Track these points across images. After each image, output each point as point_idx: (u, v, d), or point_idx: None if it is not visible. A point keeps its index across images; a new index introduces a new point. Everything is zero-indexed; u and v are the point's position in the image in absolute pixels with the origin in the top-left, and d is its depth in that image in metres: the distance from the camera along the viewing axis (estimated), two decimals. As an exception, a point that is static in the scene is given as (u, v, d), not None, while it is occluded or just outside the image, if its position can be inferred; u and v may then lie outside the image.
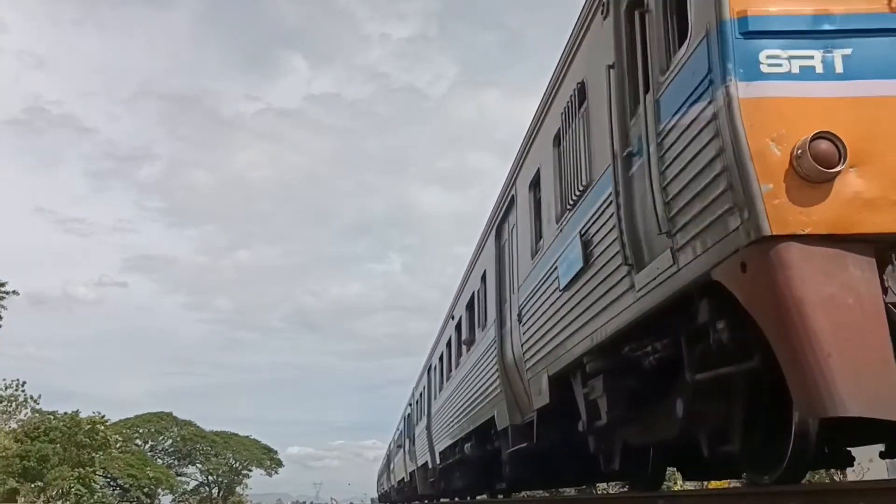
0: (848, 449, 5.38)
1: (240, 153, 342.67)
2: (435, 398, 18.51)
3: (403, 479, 30.49)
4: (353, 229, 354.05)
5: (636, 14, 4.99)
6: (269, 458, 78.28)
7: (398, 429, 33.36)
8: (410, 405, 26.38)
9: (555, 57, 7.30)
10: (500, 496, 15.46)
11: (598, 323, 5.70)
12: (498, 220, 10.13)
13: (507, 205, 9.57)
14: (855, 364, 3.24)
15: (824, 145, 3.41)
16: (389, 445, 41.14)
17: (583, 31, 6.33)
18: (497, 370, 9.58)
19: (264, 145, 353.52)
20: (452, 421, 14.46)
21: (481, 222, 12.29)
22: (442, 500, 22.01)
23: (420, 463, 22.32)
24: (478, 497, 16.91)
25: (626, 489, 13.84)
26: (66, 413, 42.89)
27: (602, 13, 5.73)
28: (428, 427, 19.61)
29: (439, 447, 17.00)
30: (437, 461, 17.69)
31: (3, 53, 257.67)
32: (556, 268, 6.74)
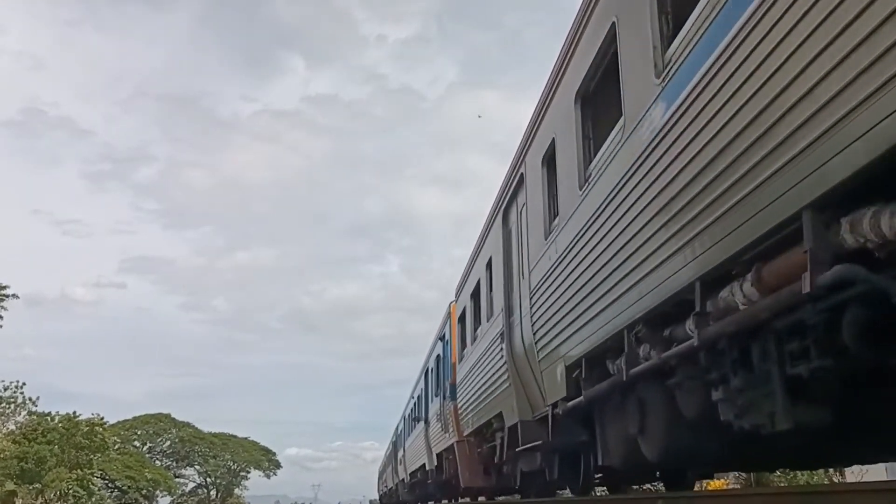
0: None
1: (237, 154, 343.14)
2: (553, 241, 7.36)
3: (424, 468, 21.27)
4: (350, 230, 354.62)
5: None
6: (267, 460, 78.24)
7: (412, 397, 25.10)
8: (442, 339, 16.74)
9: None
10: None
11: None
12: None
13: None
14: None
15: None
16: (397, 428, 33.07)
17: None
18: None
19: (261, 146, 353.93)
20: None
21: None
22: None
23: (471, 428, 12.69)
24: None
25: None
26: (64, 414, 42.88)
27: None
28: (520, 331, 8.88)
29: (579, 347, 6.65)
30: (568, 389, 6.97)
31: (0, 54, 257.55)
32: None
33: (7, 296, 37.08)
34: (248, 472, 77.38)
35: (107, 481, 53.13)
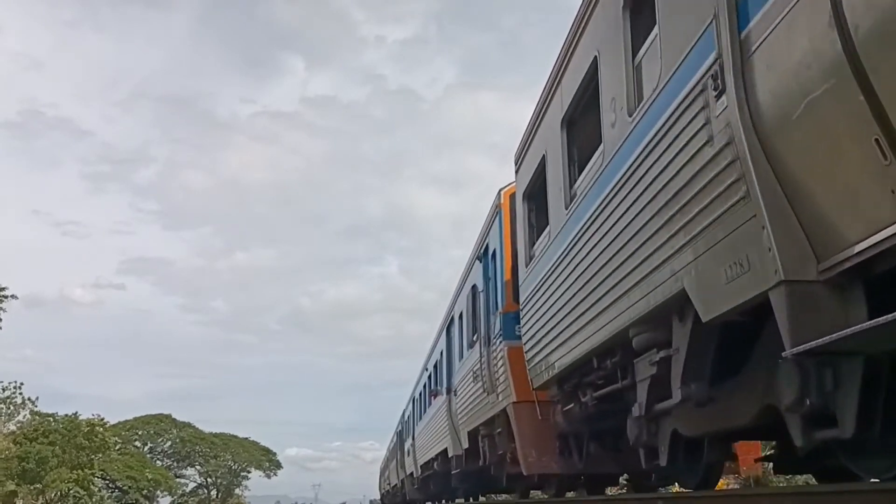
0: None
1: (236, 155, 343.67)
2: None
3: (445, 455, 16.01)
4: (349, 231, 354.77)
5: None
6: (267, 460, 78.24)
7: (426, 369, 20.36)
8: (482, 258, 11.40)
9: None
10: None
11: None
12: None
13: None
14: None
15: None
16: (403, 414, 28.78)
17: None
18: None
19: (260, 147, 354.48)
20: None
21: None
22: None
23: (550, 375, 7.77)
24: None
25: (623, 490, 13.21)
26: (65, 415, 42.92)
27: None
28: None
29: None
30: None
31: None
32: None
33: (6, 297, 37.13)
34: (249, 473, 77.41)
35: (108, 481, 53.17)
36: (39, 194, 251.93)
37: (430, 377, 18.99)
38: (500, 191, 10.32)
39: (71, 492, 40.03)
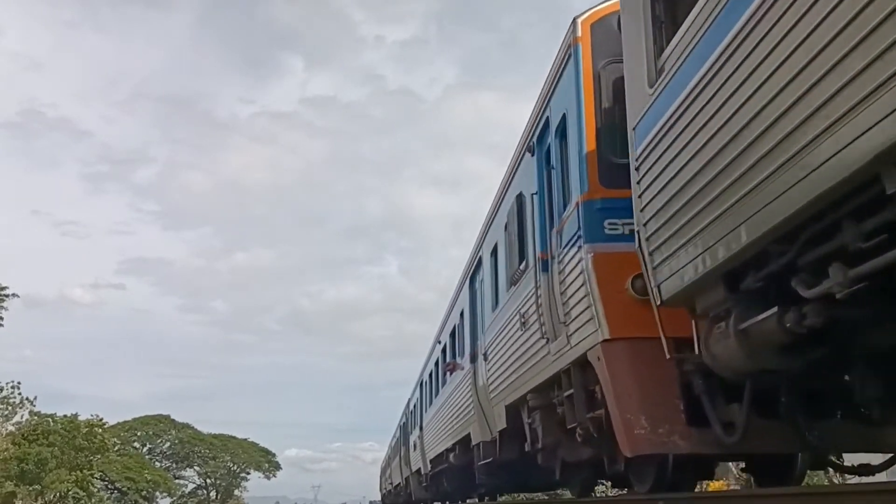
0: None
1: (235, 156, 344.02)
2: None
3: (464, 445, 12.72)
4: (348, 232, 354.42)
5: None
6: (266, 461, 78.18)
7: (438, 342, 16.74)
8: (535, 148, 7.80)
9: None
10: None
11: None
12: None
13: None
14: None
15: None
16: (408, 404, 25.27)
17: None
18: None
19: (260, 148, 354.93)
20: None
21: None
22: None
23: (739, 248, 3.92)
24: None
25: (625, 491, 12.99)
26: (64, 416, 42.85)
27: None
28: None
29: None
30: None
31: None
32: None
33: (7, 296, 37.10)
34: (248, 474, 77.40)
35: (106, 482, 53.11)
36: (39, 194, 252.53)
37: (444, 349, 15.10)
38: (575, 19, 6.63)
39: (70, 493, 39.99)
